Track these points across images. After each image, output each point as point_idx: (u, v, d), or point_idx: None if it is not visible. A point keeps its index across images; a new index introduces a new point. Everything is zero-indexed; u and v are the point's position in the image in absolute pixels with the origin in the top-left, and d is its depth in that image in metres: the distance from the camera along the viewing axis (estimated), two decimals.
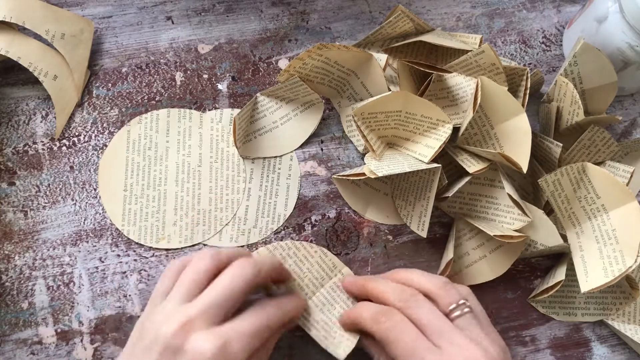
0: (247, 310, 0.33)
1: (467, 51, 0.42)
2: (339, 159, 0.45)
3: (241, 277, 0.33)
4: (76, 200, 0.42)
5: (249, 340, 0.31)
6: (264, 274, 0.34)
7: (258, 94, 0.44)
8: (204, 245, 0.42)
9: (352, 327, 0.37)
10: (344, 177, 0.42)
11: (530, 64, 0.49)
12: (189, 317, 0.31)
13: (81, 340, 0.39)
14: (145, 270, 0.41)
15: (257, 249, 0.42)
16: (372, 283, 0.37)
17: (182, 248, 0.41)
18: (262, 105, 0.44)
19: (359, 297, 0.39)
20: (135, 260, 0.41)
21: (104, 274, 0.40)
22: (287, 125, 0.44)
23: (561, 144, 0.41)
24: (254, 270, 0.33)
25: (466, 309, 0.34)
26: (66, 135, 0.43)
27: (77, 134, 0.43)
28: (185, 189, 0.42)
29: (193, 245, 0.41)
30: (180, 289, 0.33)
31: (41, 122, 0.43)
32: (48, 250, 0.41)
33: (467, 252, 0.42)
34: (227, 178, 0.43)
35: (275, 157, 0.44)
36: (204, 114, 0.44)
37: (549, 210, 0.41)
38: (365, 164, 0.41)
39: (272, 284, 0.38)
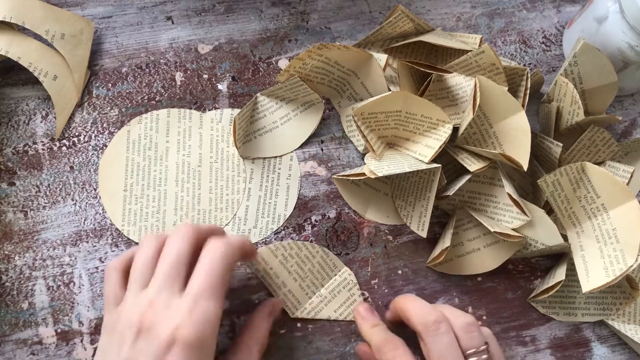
0: (196, 267, 0.33)
1: (467, 51, 0.42)
2: (339, 159, 0.45)
3: (220, 262, 0.33)
4: (76, 201, 0.42)
5: (212, 292, 0.31)
6: (237, 255, 0.34)
7: (258, 94, 0.44)
8: None
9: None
10: (344, 177, 0.42)
11: (530, 64, 0.49)
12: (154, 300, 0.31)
13: (81, 341, 0.39)
14: None
15: (257, 248, 0.42)
16: (404, 302, 0.37)
17: None
18: (262, 105, 0.44)
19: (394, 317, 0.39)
20: None
21: (104, 274, 0.40)
22: (287, 126, 0.44)
23: (561, 144, 0.41)
24: (227, 252, 0.33)
25: (484, 356, 0.33)
26: (66, 135, 0.43)
27: (77, 134, 0.43)
28: (185, 189, 0.42)
29: None
30: (160, 278, 0.32)
31: (41, 122, 0.43)
32: (48, 250, 0.41)
33: (461, 242, 0.42)
34: (227, 178, 0.43)
35: (275, 157, 0.44)
36: (204, 114, 0.44)
37: (548, 210, 0.41)
38: (365, 164, 0.41)
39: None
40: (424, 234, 0.41)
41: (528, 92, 0.42)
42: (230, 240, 0.34)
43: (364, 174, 0.40)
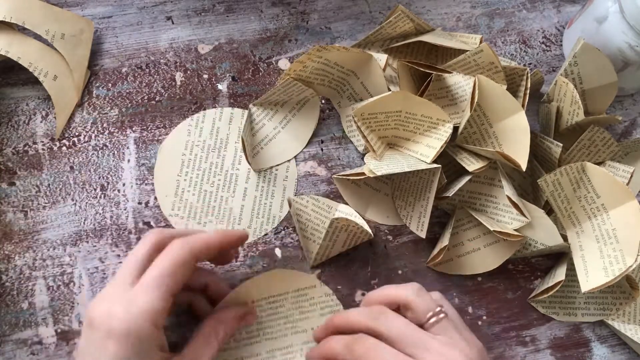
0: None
1: (467, 51, 0.42)
2: (339, 159, 0.45)
3: (170, 258, 0.33)
4: (76, 201, 0.42)
5: (155, 285, 0.32)
6: (192, 253, 0.34)
7: (250, 105, 0.44)
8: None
9: None
10: (344, 177, 0.42)
11: (530, 64, 0.49)
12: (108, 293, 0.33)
13: None
14: None
15: (256, 249, 0.42)
16: (338, 316, 0.37)
17: None
18: (258, 115, 0.44)
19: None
20: None
21: (104, 274, 0.40)
22: (288, 127, 0.44)
23: (561, 144, 0.41)
24: (180, 251, 0.33)
25: (442, 315, 0.35)
26: (66, 135, 0.43)
27: (77, 134, 0.43)
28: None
29: None
30: (117, 276, 0.33)
31: (41, 122, 0.43)
32: (48, 250, 0.41)
33: (462, 242, 0.42)
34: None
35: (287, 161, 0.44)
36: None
37: (548, 210, 0.41)
38: (365, 164, 0.41)
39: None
40: (423, 234, 0.41)
41: (528, 92, 0.42)
42: (190, 239, 0.34)
43: (364, 174, 0.40)
